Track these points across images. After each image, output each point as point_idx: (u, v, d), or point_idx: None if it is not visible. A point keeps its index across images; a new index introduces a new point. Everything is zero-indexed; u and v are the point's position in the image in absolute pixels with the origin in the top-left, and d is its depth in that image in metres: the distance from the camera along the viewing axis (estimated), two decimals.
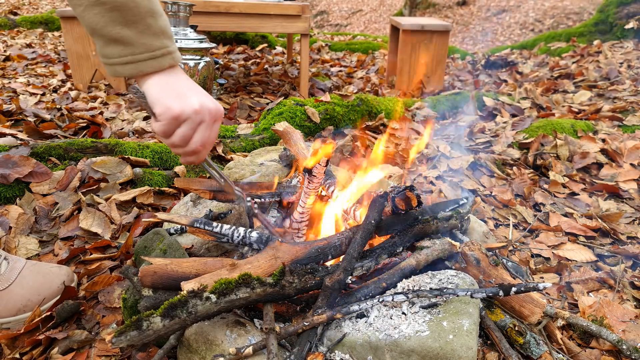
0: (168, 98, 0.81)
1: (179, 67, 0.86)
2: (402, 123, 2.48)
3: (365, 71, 4.18)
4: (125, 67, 0.80)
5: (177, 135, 0.83)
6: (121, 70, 0.81)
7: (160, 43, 0.81)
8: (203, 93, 0.85)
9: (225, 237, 1.15)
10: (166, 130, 0.82)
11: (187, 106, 0.81)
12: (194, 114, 0.82)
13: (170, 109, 0.80)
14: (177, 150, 0.86)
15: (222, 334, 0.91)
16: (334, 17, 10.25)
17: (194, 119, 0.82)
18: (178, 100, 0.81)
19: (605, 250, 1.48)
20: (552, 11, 7.61)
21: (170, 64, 0.83)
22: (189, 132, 0.83)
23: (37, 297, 1.09)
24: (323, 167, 1.10)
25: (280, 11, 2.73)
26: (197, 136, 0.84)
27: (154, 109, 0.82)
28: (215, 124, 0.87)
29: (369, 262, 1.07)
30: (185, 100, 0.81)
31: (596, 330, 1.05)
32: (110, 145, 1.76)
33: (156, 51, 0.81)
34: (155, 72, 0.82)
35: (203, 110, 0.83)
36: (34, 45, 4.16)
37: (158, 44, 0.81)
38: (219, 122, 0.88)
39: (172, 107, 0.80)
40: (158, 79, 0.82)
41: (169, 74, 0.83)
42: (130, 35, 0.78)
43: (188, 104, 0.81)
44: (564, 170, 2.00)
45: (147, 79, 0.83)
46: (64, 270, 1.16)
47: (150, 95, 0.82)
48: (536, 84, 3.36)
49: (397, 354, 0.88)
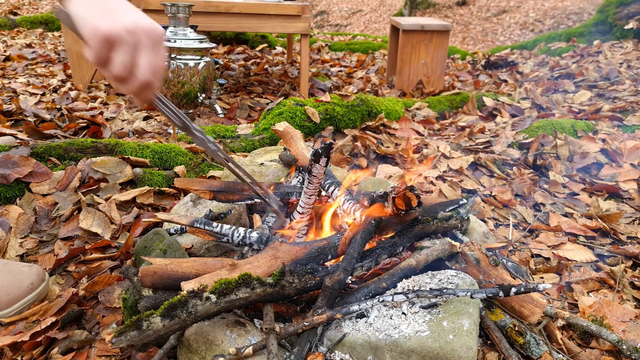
0: (95, 16, 0.69)
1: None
2: (402, 123, 2.49)
3: (365, 71, 4.18)
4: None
5: (115, 65, 0.70)
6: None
7: None
8: (136, 11, 0.73)
9: (225, 237, 1.15)
10: (99, 57, 0.70)
11: (117, 24, 0.69)
12: (127, 35, 0.69)
13: (97, 29, 0.68)
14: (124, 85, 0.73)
15: (222, 334, 0.91)
16: (334, 17, 10.25)
17: (128, 40, 0.69)
18: (106, 18, 0.69)
19: (605, 250, 1.48)
20: (552, 11, 7.61)
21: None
22: (128, 58, 0.70)
23: (7, 297, 1.09)
24: (323, 167, 1.10)
25: (280, 11, 2.73)
26: (141, 61, 0.71)
27: (81, 33, 0.70)
28: (158, 47, 0.73)
29: (369, 262, 1.08)
30: (114, 18, 0.69)
31: (596, 330, 1.05)
32: (110, 145, 1.76)
33: None
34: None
35: (137, 30, 0.70)
36: (34, 45, 4.16)
37: None
38: (161, 45, 0.74)
39: (99, 25, 0.68)
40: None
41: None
42: None
43: (118, 22, 0.69)
44: (564, 170, 2.00)
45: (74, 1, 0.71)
46: (35, 269, 1.16)
47: (76, 14, 0.71)
48: (536, 84, 3.36)
49: (397, 354, 0.88)
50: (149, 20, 0.73)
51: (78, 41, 2.88)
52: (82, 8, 0.71)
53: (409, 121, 2.51)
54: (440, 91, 3.34)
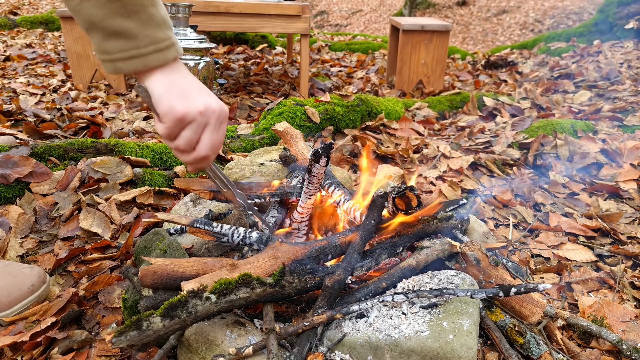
0: (172, 97, 0.75)
1: (181, 61, 0.81)
2: (402, 123, 2.49)
3: (365, 71, 4.18)
4: (128, 63, 0.74)
5: (182, 139, 0.77)
6: (124, 66, 0.74)
7: (164, 34, 0.76)
8: (207, 92, 0.80)
9: (225, 237, 1.15)
10: (170, 133, 0.77)
11: (192, 107, 0.75)
12: (199, 116, 0.76)
13: (174, 109, 0.75)
14: (183, 155, 0.80)
15: (222, 334, 0.91)
16: (334, 17, 10.25)
17: (200, 121, 0.77)
18: (182, 100, 0.75)
19: (605, 250, 1.48)
20: (552, 11, 7.61)
21: (175, 57, 0.78)
22: (194, 136, 0.77)
23: (7, 298, 1.09)
24: (323, 167, 1.10)
25: (280, 11, 2.73)
26: (204, 139, 0.78)
27: (157, 108, 0.77)
28: (222, 126, 0.81)
29: (369, 262, 1.08)
30: (190, 101, 0.76)
31: (596, 330, 1.05)
32: (110, 145, 1.76)
33: (160, 43, 0.75)
34: (160, 67, 0.76)
35: (208, 112, 0.77)
36: (34, 45, 4.16)
37: (162, 35, 0.75)
38: (225, 123, 0.82)
39: (176, 107, 0.75)
40: (162, 75, 0.77)
41: (173, 69, 0.78)
42: (132, 27, 0.72)
43: (193, 104, 0.76)
44: (564, 170, 2.00)
45: (151, 75, 0.77)
46: (36, 271, 1.16)
47: (154, 92, 0.77)
48: (536, 84, 3.36)
49: (397, 354, 0.88)
50: (219, 102, 0.80)
51: (78, 41, 2.88)
52: (161, 87, 0.76)
53: (409, 121, 2.51)
54: (440, 91, 3.34)
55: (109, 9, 0.70)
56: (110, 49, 0.74)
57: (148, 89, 0.78)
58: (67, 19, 2.82)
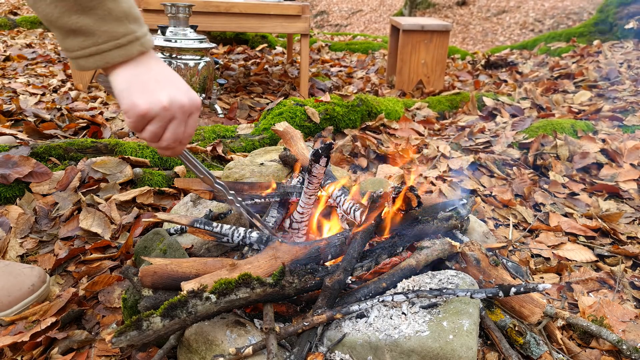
0: (134, 93, 0.74)
1: (151, 54, 0.78)
2: (402, 123, 2.49)
3: (365, 71, 4.18)
4: (89, 60, 0.73)
5: (146, 132, 0.77)
6: (85, 63, 0.73)
7: (125, 29, 0.73)
8: (175, 85, 0.78)
9: (225, 237, 1.15)
10: (135, 127, 0.77)
11: (154, 103, 0.74)
12: (163, 111, 0.75)
13: (135, 106, 0.73)
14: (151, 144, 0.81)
15: (222, 334, 0.91)
16: (334, 17, 10.25)
17: (163, 115, 0.75)
18: (144, 96, 0.74)
19: (605, 250, 1.48)
20: (552, 11, 7.61)
21: (140, 51, 0.75)
22: (159, 130, 0.77)
23: (7, 298, 1.09)
24: (323, 167, 1.10)
25: (280, 11, 2.73)
26: (167, 133, 0.78)
27: (120, 104, 0.75)
28: (190, 119, 0.80)
29: (368, 262, 1.08)
30: (152, 96, 0.74)
31: (596, 330, 1.05)
32: (110, 145, 1.76)
33: (121, 39, 0.73)
34: (124, 62, 0.74)
35: (173, 107, 0.75)
36: (34, 45, 4.16)
37: (122, 30, 0.73)
38: (194, 115, 0.81)
39: (138, 103, 0.73)
40: (125, 70, 0.75)
41: (139, 63, 0.75)
42: (89, 24, 0.70)
43: (155, 100, 0.74)
44: (564, 170, 2.00)
45: (115, 70, 0.75)
46: (36, 271, 1.16)
47: (115, 89, 0.75)
48: (536, 84, 3.36)
49: (397, 354, 0.88)
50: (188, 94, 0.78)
51: None
52: (122, 82, 0.75)
53: (409, 121, 2.51)
54: (440, 91, 3.34)
55: (63, 6, 0.69)
56: (71, 47, 0.73)
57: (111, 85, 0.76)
58: None
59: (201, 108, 0.84)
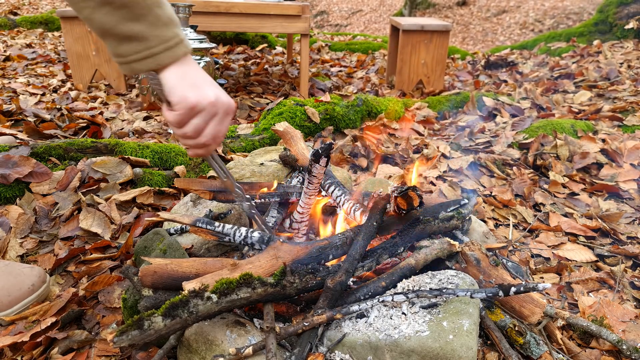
0: (185, 88, 0.81)
1: (190, 56, 0.86)
2: (402, 123, 2.49)
3: (365, 71, 4.18)
4: (142, 63, 0.79)
5: (190, 126, 0.83)
6: (139, 66, 0.80)
7: (172, 32, 0.81)
8: (217, 85, 0.86)
9: (227, 237, 1.15)
10: (180, 120, 0.83)
11: (204, 97, 0.82)
12: (210, 106, 0.82)
13: (187, 99, 0.81)
14: (188, 141, 0.87)
15: (222, 334, 0.91)
16: (334, 17, 10.25)
17: (209, 110, 0.83)
18: (195, 91, 0.81)
19: (605, 250, 1.48)
20: (552, 11, 7.61)
21: (184, 52, 0.83)
22: (202, 124, 0.84)
23: (7, 298, 1.09)
24: (323, 167, 1.10)
25: (280, 11, 2.73)
26: (209, 128, 0.85)
27: (170, 97, 0.82)
28: (227, 118, 0.87)
29: (370, 262, 1.08)
30: (201, 91, 0.82)
31: (596, 330, 1.05)
32: (110, 145, 1.76)
33: (170, 41, 0.80)
34: (172, 63, 0.82)
35: (218, 103, 0.83)
36: (34, 45, 4.16)
37: (170, 34, 0.81)
38: (230, 116, 0.88)
39: (189, 97, 0.81)
40: (175, 69, 0.82)
41: (184, 63, 0.83)
42: (142, 30, 0.77)
43: (204, 95, 0.82)
44: (564, 170, 2.00)
45: (164, 70, 0.82)
46: (36, 271, 1.16)
47: (167, 84, 0.82)
48: (536, 84, 3.36)
49: (397, 354, 0.88)
50: (228, 96, 0.87)
51: (78, 41, 2.88)
52: (174, 79, 0.82)
53: (409, 121, 2.51)
54: (440, 91, 3.34)
55: (118, 15, 0.75)
56: (125, 52, 0.79)
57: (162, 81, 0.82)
58: (67, 19, 2.81)
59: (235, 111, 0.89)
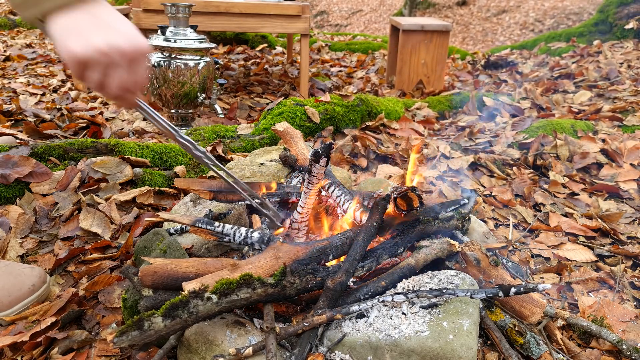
0: (69, 38, 0.69)
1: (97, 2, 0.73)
2: (402, 123, 2.49)
3: (365, 71, 4.18)
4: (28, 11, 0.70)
5: (89, 81, 0.73)
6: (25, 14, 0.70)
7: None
8: (116, 29, 0.72)
9: (227, 237, 1.15)
10: (77, 75, 0.72)
11: (89, 47, 0.69)
12: (99, 55, 0.70)
13: (69, 51, 0.69)
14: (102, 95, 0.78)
15: (222, 334, 0.91)
16: (334, 17, 10.25)
17: (101, 61, 0.70)
18: (78, 40, 0.69)
19: (605, 250, 1.49)
20: (552, 11, 7.61)
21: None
22: (99, 77, 0.72)
23: (8, 298, 1.09)
24: (323, 167, 1.10)
25: (280, 11, 2.73)
26: (112, 80, 0.73)
27: (59, 54, 0.72)
28: (135, 65, 0.74)
29: (370, 262, 1.08)
30: (86, 40, 0.69)
31: (596, 330, 1.05)
32: (110, 145, 1.76)
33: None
34: (59, 9, 0.70)
35: (110, 51, 0.70)
36: (34, 45, 4.16)
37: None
38: (139, 61, 0.74)
39: (72, 48, 0.69)
40: (62, 17, 0.70)
41: (78, 9, 0.71)
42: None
43: (90, 44, 0.69)
44: (564, 170, 2.00)
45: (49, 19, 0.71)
46: (36, 271, 1.16)
47: (52, 35, 0.71)
48: (536, 84, 3.36)
49: (397, 354, 0.88)
50: (129, 37, 0.72)
51: None
52: (59, 30, 0.71)
53: (409, 121, 2.51)
54: (440, 91, 3.34)
55: None
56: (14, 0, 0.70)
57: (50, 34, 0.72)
58: None
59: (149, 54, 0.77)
